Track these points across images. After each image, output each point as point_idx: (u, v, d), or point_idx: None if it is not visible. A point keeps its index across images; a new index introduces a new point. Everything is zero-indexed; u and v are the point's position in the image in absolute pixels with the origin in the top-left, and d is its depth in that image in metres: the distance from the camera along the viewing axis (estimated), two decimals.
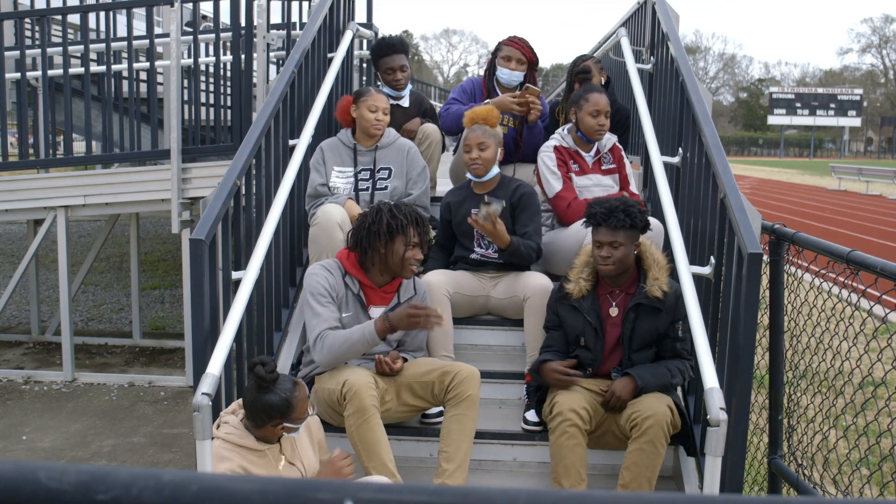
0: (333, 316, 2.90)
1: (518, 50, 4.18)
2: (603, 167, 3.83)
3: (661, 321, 2.94)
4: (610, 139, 3.86)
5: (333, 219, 3.45)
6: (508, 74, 4.19)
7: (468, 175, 3.57)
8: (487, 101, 4.15)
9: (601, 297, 3.04)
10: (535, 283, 3.36)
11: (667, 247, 3.31)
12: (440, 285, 3.30)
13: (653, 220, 3.51)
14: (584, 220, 3.09)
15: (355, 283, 2.98)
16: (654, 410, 2.74)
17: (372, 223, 2.94)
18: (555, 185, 3.71)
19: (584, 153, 3.80)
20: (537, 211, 3.54)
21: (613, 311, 3.01)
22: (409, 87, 4.38)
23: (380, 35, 5.14)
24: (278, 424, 2.36)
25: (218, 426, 2.43)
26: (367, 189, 3.72)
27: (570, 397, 2.85)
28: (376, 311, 3.01)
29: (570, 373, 2.93)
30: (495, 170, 3.53)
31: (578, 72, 4.33)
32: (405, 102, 4.32)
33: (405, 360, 3.03)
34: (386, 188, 3.73)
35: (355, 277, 2.99)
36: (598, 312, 3.00)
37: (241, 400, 2.49)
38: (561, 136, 3.84)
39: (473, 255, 3.54)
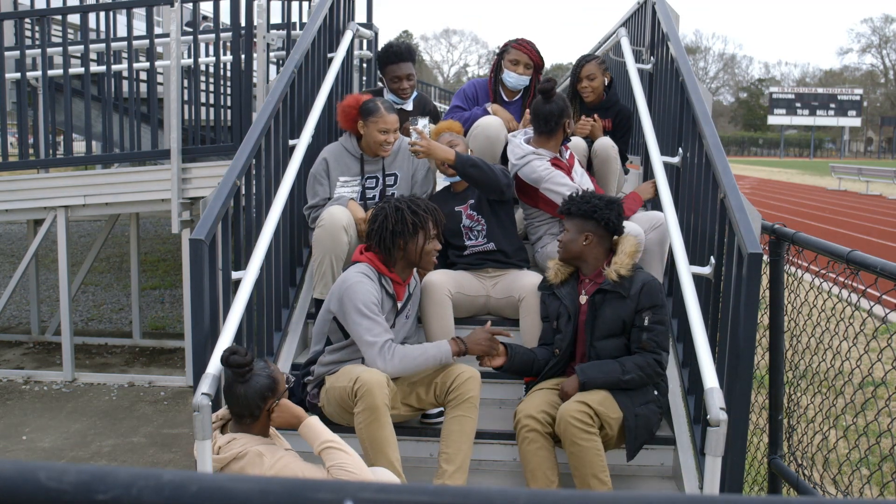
0: (387, 325, 2.93)
1: (526, 54, 4.17)
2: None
3: (625, 309, 2.92)
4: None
5: (339, 222, 3.44)
6: (516, 79, 4.19)
7: (445, 179, 3.69)
8: (488, 107, 4.16)
9: (578, 286, 3.11)
10: (531, 283, 3.37)
11: None
12: (442, 285, 3.31)
13: (657, 214, 3.52)
14: None
15: (389, 283, 3.02)
16: (561, 414, 2.77)
17: (395, 223, 2.96)
18: (566, 186, 3.51)
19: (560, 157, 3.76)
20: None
21: (583, 299, 3.06)
22: (415, 94, 4.36)
23: (380, 35, 5.14)
24: (272, 403, 2.38)
25: (217, 449, 2.37)
26: (373, 198, 3.72)
27: (527, 403, 2.91)
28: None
29: (494, 330, 2.99)
30: None
31: (580, 74, 4.34)
32: (408, 106, 4.31)
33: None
34: (394, 195, 3.71)
35: (389, 278, 3.02)
36: (573, 299, 3.07)
37: (225, 409, 2.46)
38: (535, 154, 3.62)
39: (467, 252, 3.56)
